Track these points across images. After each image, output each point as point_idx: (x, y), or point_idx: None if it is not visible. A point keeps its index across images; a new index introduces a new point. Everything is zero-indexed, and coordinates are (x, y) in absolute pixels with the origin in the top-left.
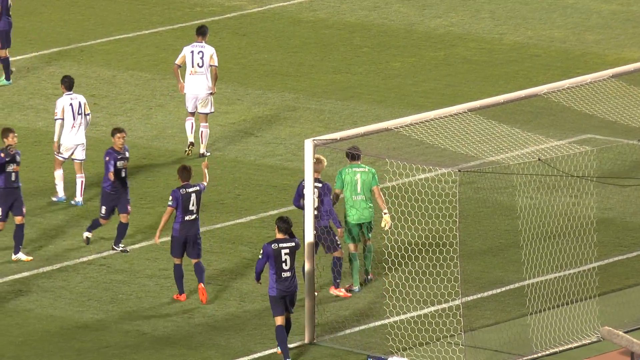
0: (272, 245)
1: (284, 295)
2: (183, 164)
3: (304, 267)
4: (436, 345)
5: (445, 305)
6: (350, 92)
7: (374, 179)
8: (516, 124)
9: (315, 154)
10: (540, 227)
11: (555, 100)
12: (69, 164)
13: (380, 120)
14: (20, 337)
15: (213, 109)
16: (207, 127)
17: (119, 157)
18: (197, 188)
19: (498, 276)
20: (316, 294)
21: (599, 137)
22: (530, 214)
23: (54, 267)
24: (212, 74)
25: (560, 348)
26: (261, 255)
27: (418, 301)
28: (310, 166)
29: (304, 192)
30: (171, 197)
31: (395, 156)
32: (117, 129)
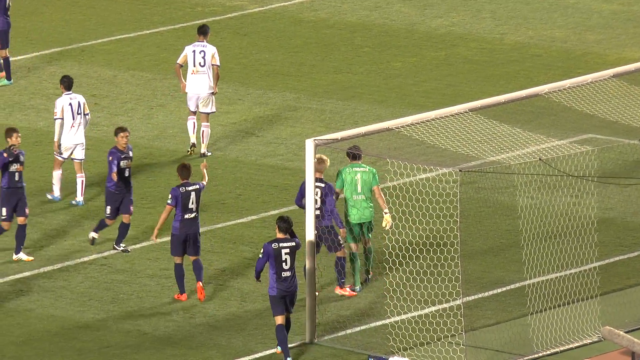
0: (273, 244)
1: (284, 295)
2: (183, 162)
3: (305, 267)
4: (437, 345)
5: (446, 305)
6: (351, 92)
7: (375, 179)
8: (517, 123)
9: (318, 154)
10: (541, 227)
11: (556, 100)
12: (69, 164)
13: (381, 120)
14: (21, 337)
15: (215, 109)
16: (208, 127)
17: (123, 157)
18: (197, 186)
19: (499, 276)
20: (317, 293)
21: (600, 137)
22: (531, 213)
23: (55, 267)
24: (213, 74)
25: (561, 348)
26: (261, 255)
27: (419, 301)
28: (311, 166)
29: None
30: (170, 196)
31: (396, 156)
32: (121, 128)
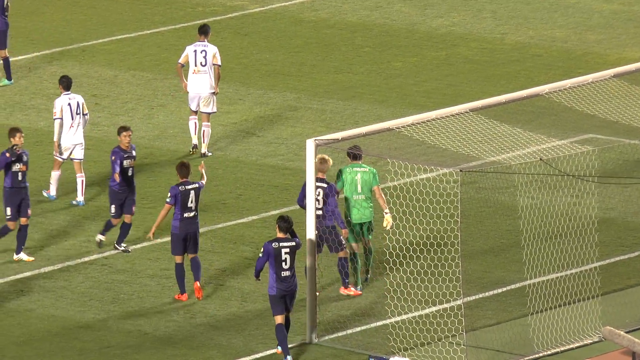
0: (273, 244)
1: (284, 295)
2: (182, 160)
3: (306, 267)
4: (438, 345)
5: (446, 305)
6: (352, 92)
7: (375, 179)
8: (518, 123)
9: (321, 154)
10: (541, 227)
11: (556, 100)
12: (69, 164)
13: (381, 120)
14: (21, 337)
15: (215, 109)
16: (209, 127)
17: (126, 156)
18: (196, 185)
19: (499, 276)
20: (317, 294)
21: (601, 137)
22: (532, 213)
23: (56, 267)
24: (215, 74)
25: (562, 348)
26: (262, 254)
27: (419, 301)
28: (312, 166)
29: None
30: (170, 194)
31: (396, 156)
32: (123, 127)
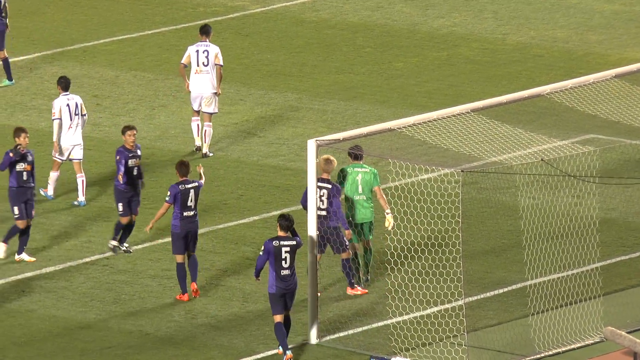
0: (274, 242)
1: (283, 293)
2: (181, 159)
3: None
4: (439, 345)
5: (448, 306)
6: (353, 92)
7: (376, 179)
8: (519, 124)
9: (326, 155)
10: (542, 227)
11: (558, 100)
12: (69, 165)
13: (383, 120)
14: (23, 338)
15: (217, 110)
16: (210, 127)
17: (131, 155)
18: (196, 184)
19: (501, 276)
20: (319, 294)
21: (602, 137)
22: (533, 214)
23: (57, 267)
24: (216, 74)
25: (563, 348)
26: (262, 252)
27: (421, 301)
28: (313, 166)
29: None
30: (169, 193)
31: (398, 156)
32: (128, 127)
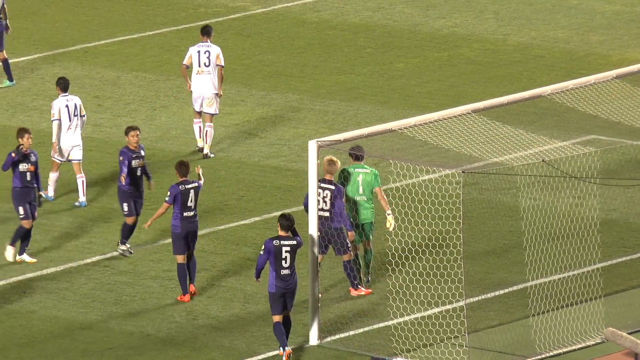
0: (274, 241)
1: (283, 293)
2: (181, 159)
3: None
4: (440, 346)
5: (449, 307)
6: (354, 93)
7: (376, 180)
8: (520, 125)
9: (329, 156)
10: (543, 228)
11: (559, 101)
12: (69, 166)
13: (384, 121)
14: (24, 339)
15: (217, 111)
16: (211, 127)
17: (134, 156)
18: (196, 184)
19: (502, 277)
20: (320, 295)
21: (603, 138)
22: (534, 215)
23: (58, 268)
24: (217, 75)
25: (564, 349)
26: (263, 251)
27: (422, 302)
28: (314, 167)
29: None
30: (169, 193)
31: (399, 157)
32: (131, 127)
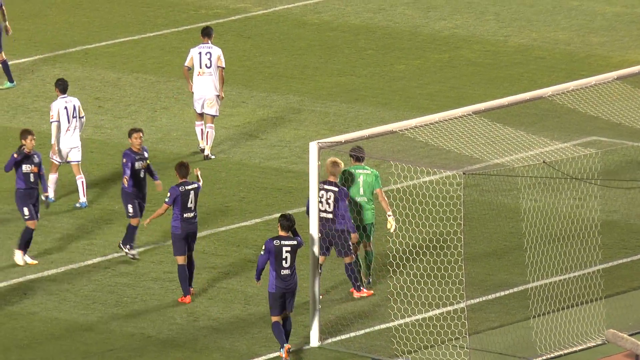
0: (274, 241)
1: (283, 293)
2: (181, 160)
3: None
4: (441, 348)
5: (450, 308)
6: (355, 94)
7: (377, 181)
8: (521, 126)
9: (333, 157)
10: (544, 229)
11: (559, 102)
12: (69, 169)
13: (384, 122)
14: (25, 340)
15: (218, 113)
16: (212, 129)
17: (137, 158)
18: (195, 185)
19: (502, 279)
20: (320, 297)
21: (604, 139)
22: (535, 216)
23: (59, 270)
24: (219, 76)
25: (565, 351)
26: (263, 251)
27: (423, 304)
28: (315, 169)
29: (319, 195)
30: (169, 194)
31: (399, 159)
32: (134, 129)
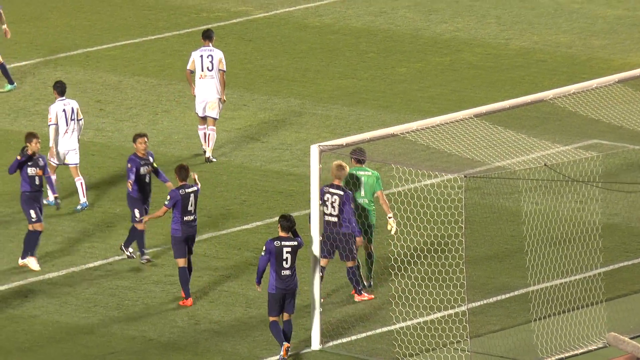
0: (275, 242)
1: (283, 294)
2: (181, 163)
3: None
4: (442, 351)
5: (451, 311)
6: (356, 97)
7: (378, 183)
8: (522, 129)
9: (338, 161)
10: (545, 232)
11: (561, 105)
12: (69, 172)
13: (386, 125)
14: (26, 343)
15: (218, 115)
16: (214, 131)
17: (142, 163)
18: (195, 188)
19: (504, 282)
20: (322, 300)
21: (605, 143)
22: (536, 219)
23: (60, 273)
24: (220, 79)
25: (566, 354)
26: (264, 252)
27: (424, 307)
28: (316, 172)
29: (324, 198)
30: (169, 197)
31: (401, 162)
32: (139, 134)
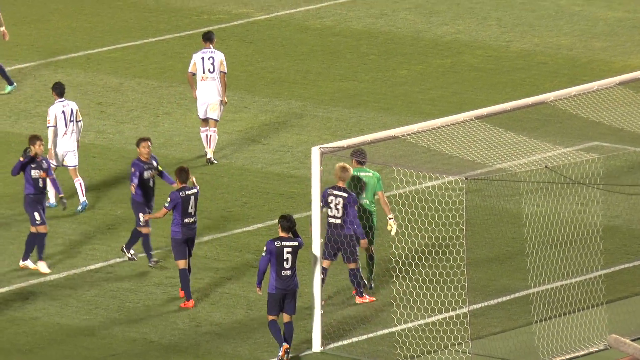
0: (275, 242)
1: (283, 294)
2: (181, 165)
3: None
4: (443, 353)
5: (452, 313)
6: (357, 99)
7: (379, 184)
8: (523, 131)
9: (342, 163)
10: (546, 234)
11: (562, 107)
12: (68, 174)
13: (387, 127)
14: (27, 345)
15: (219, 117)
16: (215, 132)
17: (146, 167)
18: (195, 190)
19: (504, 284)
20: (323, 303)
21: (606, 145)
22: (537, 221)
23: (61, 275)
24: (221, 82)
25: (567, 356)
26: (264, 253)
27: (425, 309)
28: (317, 174)
29: (327, 200)
30: (169, 199)
31: (402, 164)
32: (142, 139)
